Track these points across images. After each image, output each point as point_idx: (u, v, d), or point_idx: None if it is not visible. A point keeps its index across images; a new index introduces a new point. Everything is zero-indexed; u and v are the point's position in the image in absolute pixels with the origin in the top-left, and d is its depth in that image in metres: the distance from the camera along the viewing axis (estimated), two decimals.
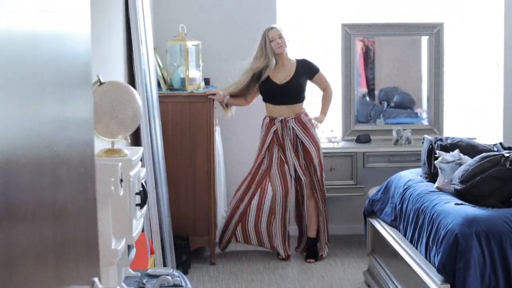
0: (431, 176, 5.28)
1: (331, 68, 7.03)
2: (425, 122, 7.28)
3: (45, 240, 1.52)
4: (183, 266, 5.95)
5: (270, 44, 6.08)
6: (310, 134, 6.24)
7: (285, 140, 6.20)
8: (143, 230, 4.68)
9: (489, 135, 7.19)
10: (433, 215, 4.53)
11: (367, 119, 7.28)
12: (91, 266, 1.95)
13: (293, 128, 6.22)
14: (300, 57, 6.40)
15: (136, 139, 5.26)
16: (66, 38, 1.74)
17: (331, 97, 6.45)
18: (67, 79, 1.75)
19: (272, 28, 6.15)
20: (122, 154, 3.20)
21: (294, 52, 6.45)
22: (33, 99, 1.47)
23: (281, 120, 6.22)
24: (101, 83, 3.25)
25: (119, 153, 3.21)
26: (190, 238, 6.25)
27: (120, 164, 2.92)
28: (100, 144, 3.35)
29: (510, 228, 4.15)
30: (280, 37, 6.10)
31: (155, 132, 5.50)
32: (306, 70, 6.33)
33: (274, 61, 6.17)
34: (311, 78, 6.36)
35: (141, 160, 3.52)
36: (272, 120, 6.27)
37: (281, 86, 6.21)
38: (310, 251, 6.30)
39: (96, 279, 1.91)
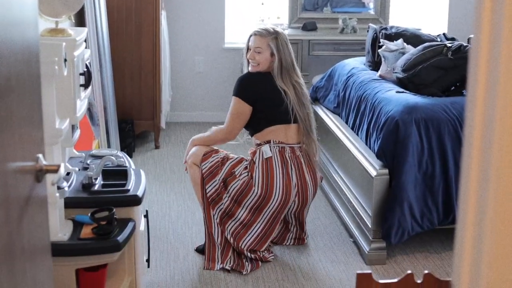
0: (375, 64, 5.34)
1: None
2: (372, 12, 7.30)
3: None
4: (127, 149, 6.00)
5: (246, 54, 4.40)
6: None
7: None
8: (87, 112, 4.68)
9: (434, 26, 7.26)
10: (374, 102, 4.61)
11: (314, 7, 7.26)
12: (35, 143, 1.97)
13: None
14: None
15: (80, 20, 5.18)
16: None
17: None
18: None
19: (255, 34, 4.36)
20: (66, 34, 3.17)
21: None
22: None
23: None
24: None
25: (63, 33, 3.17)
26: (135, 122, 6.27)
27: (64, 44, 2.89)
28: (44, 23, 3.31)
29: (449, 116, 4.25)
30: (258, 51, 4.31)
31: (100, 13, 5.41)
32: None
33: None
34: None
35: (85, 41, 3.49)
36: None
37: None
38: None
39: (40, 155, 1.94)
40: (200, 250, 4.33)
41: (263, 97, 4.26)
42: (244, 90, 4.28)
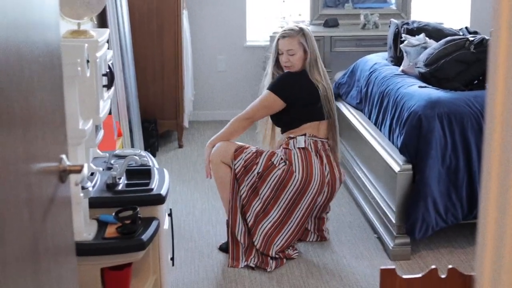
0: (397, 59, 5.32)
1: None
2: (393, 7, 7.27)
3: (12, 117, 1.55)
4: (151, 148, 6.03)
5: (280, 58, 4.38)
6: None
7: None
8: (110, 113, 4.71)
9: (456, 20, 7.22)
10: (397, 97, 4.59)
11: (335, 3, 7.25)
12: (59, 144, 1.99)
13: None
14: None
15: (102, 21, 5.21)
16: None
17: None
18: None
19: (284, 36, 4.35)
20: (88, 36, 3.19)
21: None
22: None
23: None
24: None
25: (85, 34, 3.19)
26: (158, 121, 6.30)
27: (86, 45, 2.91)
28: (66, 25, 3.33)
29: (472, 110, 4.23)
30: (292, 54, 4.31)
31: (121, 14, 5.44)
32: None
33: None
34: None
35: (107, 42, 3.51)
36: None
37: None
38: None
39: (64, 156, 1.95)
40: (223, 249, 4.34)
41: (301, 97, 4.30)
42: (283, 89, 4.31)
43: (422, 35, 5.10)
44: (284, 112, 4.33)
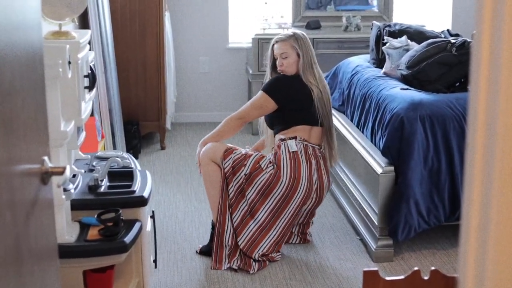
0: (379, 62, 5.34)
1: None
2: (375, 9, 7.30)
3: None
4: (133, 150, 6.01)
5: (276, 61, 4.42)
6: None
7: None
8: (92, 115, 4.69)
9: (437, 22, 7.25)
10: (379, 99, 4.61)
11: (317, 5, 7.26)
12: (41, 146, 1.98)
13: None
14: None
15: (84, 22, 5.19)
16: None
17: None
18: None
19: (277, 41, 4.42)
20: (70, 37, 3.18)
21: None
22: None
23: None
24: None
25: (67, 35, 3.18)
26: (140, 123, 6.28)
27: (68, 46, 2.90)
28: (48, 26, 3.32)
29: (454, 112, 4.24)
30: (285, 57, 4.35)
31: (103, 15, 5.42)
32: None
33: None
34: None
35: (89, 44, 3.50)
36: None
37: None
38: None
39: (46, 158, 1.94)
40: (203, 252, 4.33)
41: (294, 99, 4.32)
42: (276, 91, 4.34)
43: (404, 38, 5.12)
44: (276, 114, 4.36)
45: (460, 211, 4.21)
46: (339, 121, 5.24)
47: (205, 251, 4.32)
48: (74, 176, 3.34)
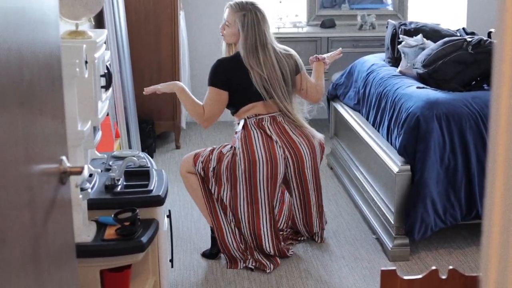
0: (394, 60, 5.32)
1: None
2: (390, 8, 7.27)
3: (13, 119, 1.54)
4: (148, 149, 6.02)
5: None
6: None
7: None
8: (108, 114, 4.70)
9: (453, 20, 7.22)
10: (395, 98, 4.59)
11: (332, 4, 7.25)
12: (59, 145, 1.98)
13: None
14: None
15: (99, 22, 5.20)
16: None
17: None
18: None
19: (228, 6, 4.35)
20: (87, 36, 3.18)
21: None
22: None
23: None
24: None
25: (83, 35, 3.19)
26: (155, 122, 6.29)
27: (84, 46, 2.91)
28: (64, 26, 3.33)
29: (470, 111, 4.23)
30: (227, 25, 4.31)
31: (118, 15, 5.43)
32: None
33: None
34: None
35: (105, 43, 3.50)
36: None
37: None
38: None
39: (64, 158, 1.95)
40: (206, 255, 4.32)
41: (234, 80, 4.20)
42: (217, 78, 4.25)
43: (419, 36, 5.10)
44: (229, 99, 4.26)
45: (477, 210, 4.19)
46: (354, 119, 5.23)
47: (208, 255, 4.32)
48: (90, 175, 3.34)
